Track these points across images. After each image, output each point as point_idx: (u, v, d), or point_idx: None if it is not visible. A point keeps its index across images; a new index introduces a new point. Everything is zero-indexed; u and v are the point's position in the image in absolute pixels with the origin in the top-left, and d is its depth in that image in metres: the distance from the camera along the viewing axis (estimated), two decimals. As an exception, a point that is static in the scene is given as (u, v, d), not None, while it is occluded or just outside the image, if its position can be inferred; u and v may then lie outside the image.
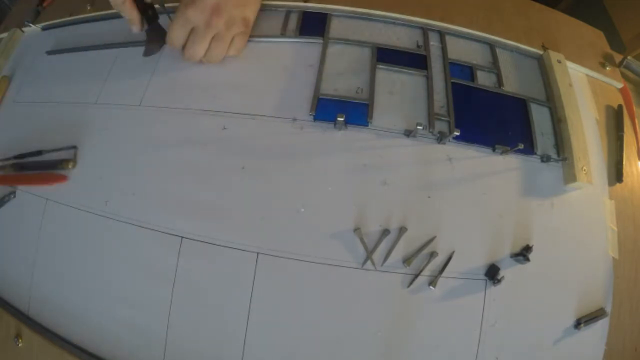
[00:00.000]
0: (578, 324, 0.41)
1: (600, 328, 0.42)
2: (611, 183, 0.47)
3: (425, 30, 0.53)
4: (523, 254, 0.40)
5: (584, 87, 0.53)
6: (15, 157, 0.49)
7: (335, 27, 0.52)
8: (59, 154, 0.48)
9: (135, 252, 0.43)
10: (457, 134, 0.43)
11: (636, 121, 0.53)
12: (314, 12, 0.53)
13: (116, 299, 0.43)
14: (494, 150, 0.45)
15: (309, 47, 0.50)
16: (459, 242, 0.41)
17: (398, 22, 0.53)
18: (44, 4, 0.65)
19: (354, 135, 0.44)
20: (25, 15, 0.64)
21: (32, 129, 0.52)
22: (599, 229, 0.45)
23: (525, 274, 0.41)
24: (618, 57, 0.58)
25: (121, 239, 0.43)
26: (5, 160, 0.49)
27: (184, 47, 0.47)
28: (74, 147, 0.48)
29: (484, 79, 0.50)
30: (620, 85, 0.55)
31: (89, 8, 0.60)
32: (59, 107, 0.51)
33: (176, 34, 0.46)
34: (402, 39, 0.52)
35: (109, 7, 0.50)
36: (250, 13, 0.49)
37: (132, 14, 0.46)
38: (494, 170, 0.44)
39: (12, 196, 0.48)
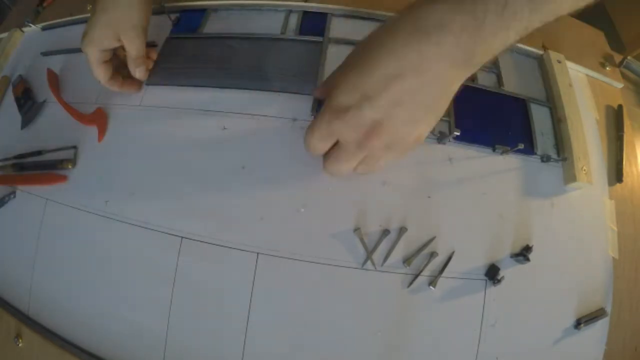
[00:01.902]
0: (578, 324, 0.41)
1: (600, 328, 0.42)
2: (611, 183, 0.47)
3: (425, 30, 0.53)
4: (523, 254, 0.40)
5: (584, 87, 0.53)
6: (15, 157, 0.49)
7: (336, 27, 0.52)
8: (59, 154, 0.48)
9: (135, 252, 0.43)
10: (457, 134, 0.43)
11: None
12: (314, 11, 0.53)
13: (116, 299, 0.43)
14: (494, 150, 0.45)
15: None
16: (459, 242, 0.41)
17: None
18: (44, 4, 0.65)
19: (354, 135, 0.44)
20: (25, 15, 0.64)
21: (32, 129, 0.52)
22: (599, 229, 0.45)
23: (526, 274, 0.41)
24: (618, 57, 0.58)
25: (121, 239, 0.43)
26: (5, 160, 0.49)
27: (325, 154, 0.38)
28: (74, 147, 0.48)
29: (484, 79, 0.50)
30: (620, 85, 0.55)
31: (89, 8, 0.60)
32: (58, 107, 0.51)
33: (316, 144, 0.35)
34: (402, 39, 0.52)
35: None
36: (426, 128, 0.34)
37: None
38: (494, 170, 0.44)
39: (12, 196, 0.48)
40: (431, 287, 0.40)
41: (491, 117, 0.47)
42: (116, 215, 0.44)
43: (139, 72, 0.48)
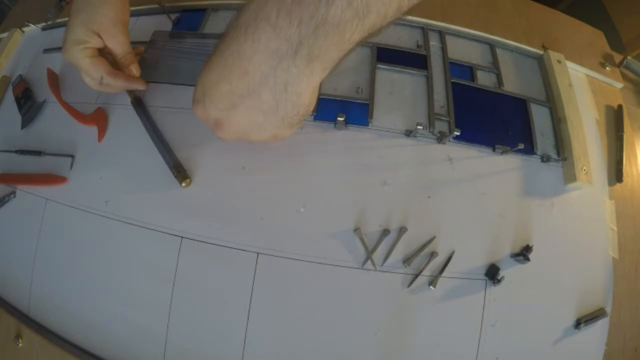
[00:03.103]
0: (578, 324, 0.41)
1: (600, 328, 0.42)
2: (611, 183, 0.48)
3: (425, 30, 0.53)
4: (523, 254, 0.40)
5: (584, 87, 0.53)
6: (16, 152, 0.49)
7: (336, 27, 0.52)
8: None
9: (135, 252, 0.43)
10: (457, 134, 0.43)
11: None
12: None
13: (116, 298, 0.43)
14: (494, 150, 0.45)
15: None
16: (459, 242, 0.41)
17: (398, 21, 0.53)
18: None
19: (355, 135, 0.44)
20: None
21: (32, 129, 0.52)
22: (599, 229, 0.45)
23: (525, 274, 0.41)
24: (618, 57, 0.58)
25: (121, 239, 0.43)
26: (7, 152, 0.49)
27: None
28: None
29: (484, 79, 0.50)
30: (620, 85, 0.55)
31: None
32: (58, 107, 0.51)
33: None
34: (403, 38, 0.52)
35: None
36: (273, 130, 0.34)
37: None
38: (494, 170, 0.44)
39: (12, 196, 0.48)
40: (431, 287, 0.40)
41: (491, 117, 0.47)
42: (116, 215, 0.44)
43: (134, 69, 0.46)
